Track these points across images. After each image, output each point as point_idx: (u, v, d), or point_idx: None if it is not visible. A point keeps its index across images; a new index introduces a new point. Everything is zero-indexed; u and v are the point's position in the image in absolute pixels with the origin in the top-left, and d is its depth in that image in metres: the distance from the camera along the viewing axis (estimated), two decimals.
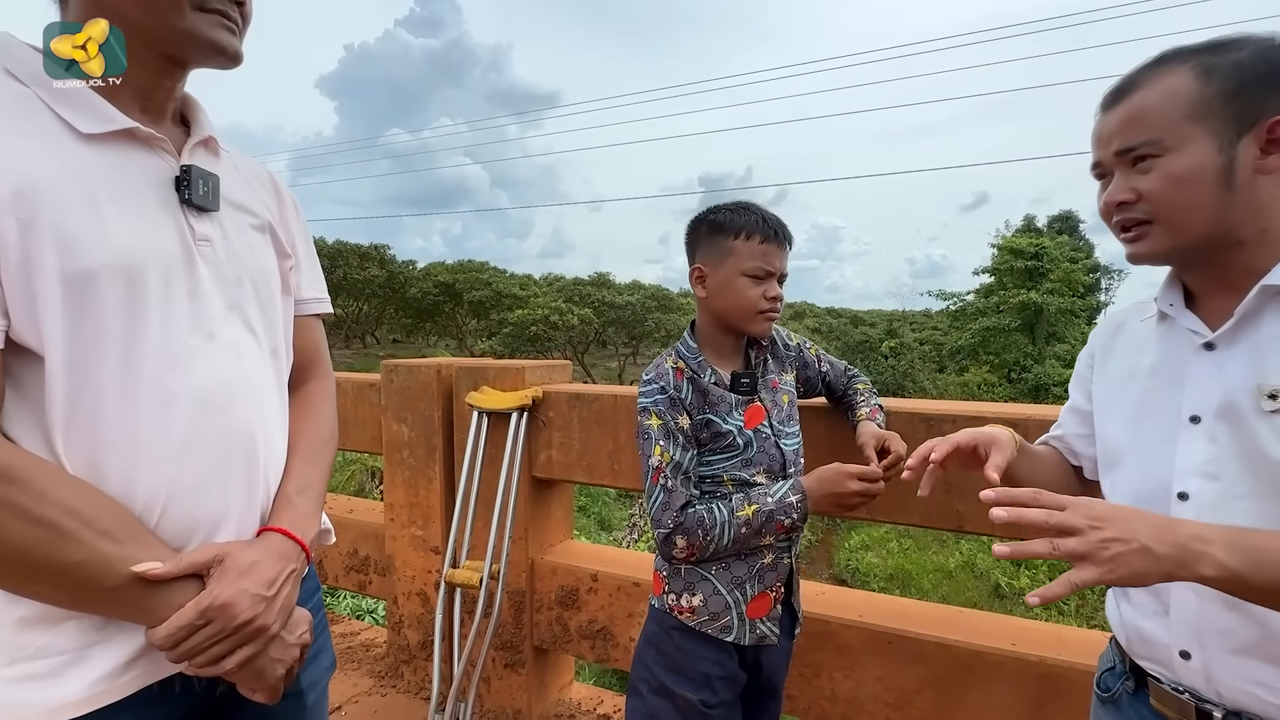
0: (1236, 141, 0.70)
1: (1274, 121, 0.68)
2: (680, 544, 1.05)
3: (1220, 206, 0.71)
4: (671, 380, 1.12)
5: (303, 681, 0.89)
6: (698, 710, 1.06)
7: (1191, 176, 0.71)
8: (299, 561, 0.78)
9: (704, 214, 1.20)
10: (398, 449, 2.05)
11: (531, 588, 1.88)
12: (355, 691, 2.06)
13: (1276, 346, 0.70)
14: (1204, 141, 0.71)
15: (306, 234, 0.99)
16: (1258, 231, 0.72)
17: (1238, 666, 0.71)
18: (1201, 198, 0.71)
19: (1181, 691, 0.75)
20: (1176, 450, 0.76)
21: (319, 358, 0.98)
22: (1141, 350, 0.84)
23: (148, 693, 0.69)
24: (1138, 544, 0.60)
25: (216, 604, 0.66)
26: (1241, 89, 0.69)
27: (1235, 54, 0.71)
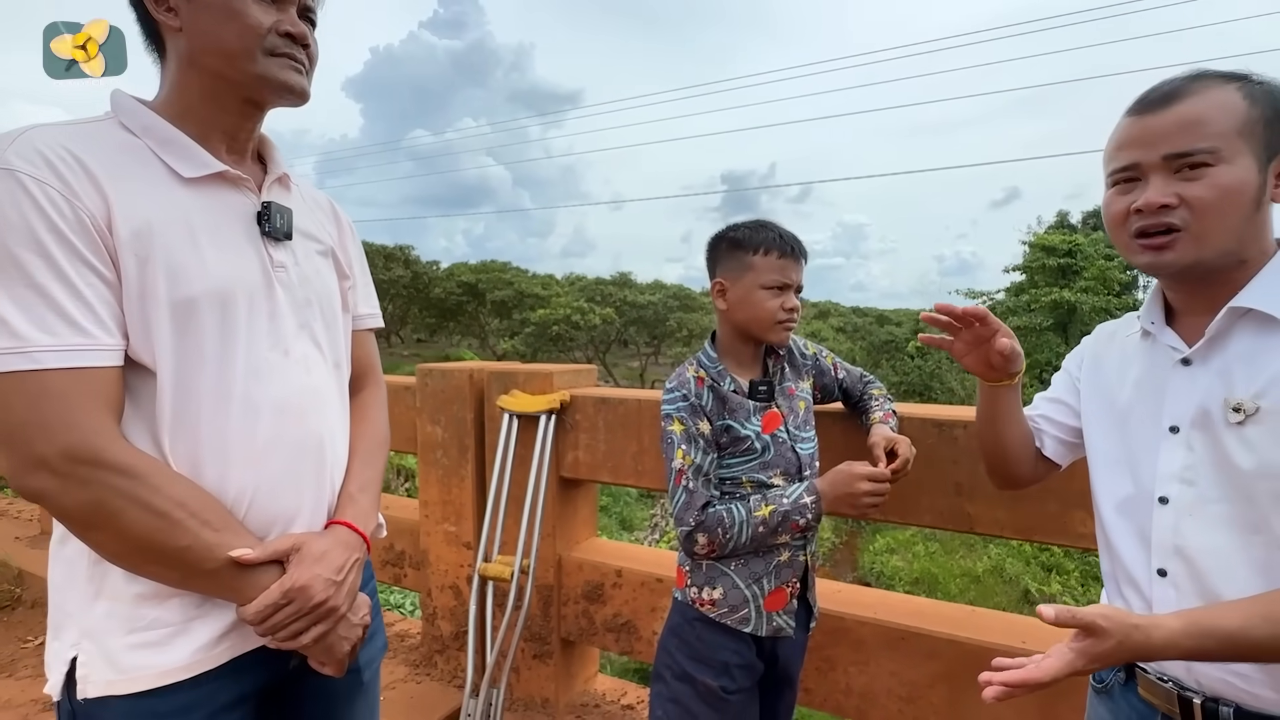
0: (1268, 165, 0.74)
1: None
2: (701, 541, 1.13)
3: (1247, 223, 0.75)
4: (693, 388, 1.20)
5: (361, 660, 0.99)
6: (717, 695, 1.14)
7: (1240, 189, 0.73)
8: (361, 551, 0.88)
9: (724, 232, 1.27)
10: (432, 449, 2.16)
11: (559, 582, 1.97)
12: (392, 679, 2.17)
13: (1242, 364, 0.76)
14: (1250, 159, 0.74)
15: (361, 254, 1.09)
16: (1257, 252, 0.77)
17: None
18: (1239, 212, 0.74)
19: (1166, 681, 0.81)
20: (1158, 458, 0.82)
21: (373, 367, 1.08)
22: (1128, 363, 0.90)
23: (236, 662, 0.79)
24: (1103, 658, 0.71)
25: (296, 586, 0.76)
26: (1276, 116, 0.74)
27: (1266, 85, 0.75)
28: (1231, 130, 0.73)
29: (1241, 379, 0.75)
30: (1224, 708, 0.76)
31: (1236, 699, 0.75)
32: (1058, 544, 1.39)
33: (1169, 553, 0.80)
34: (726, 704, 1.14)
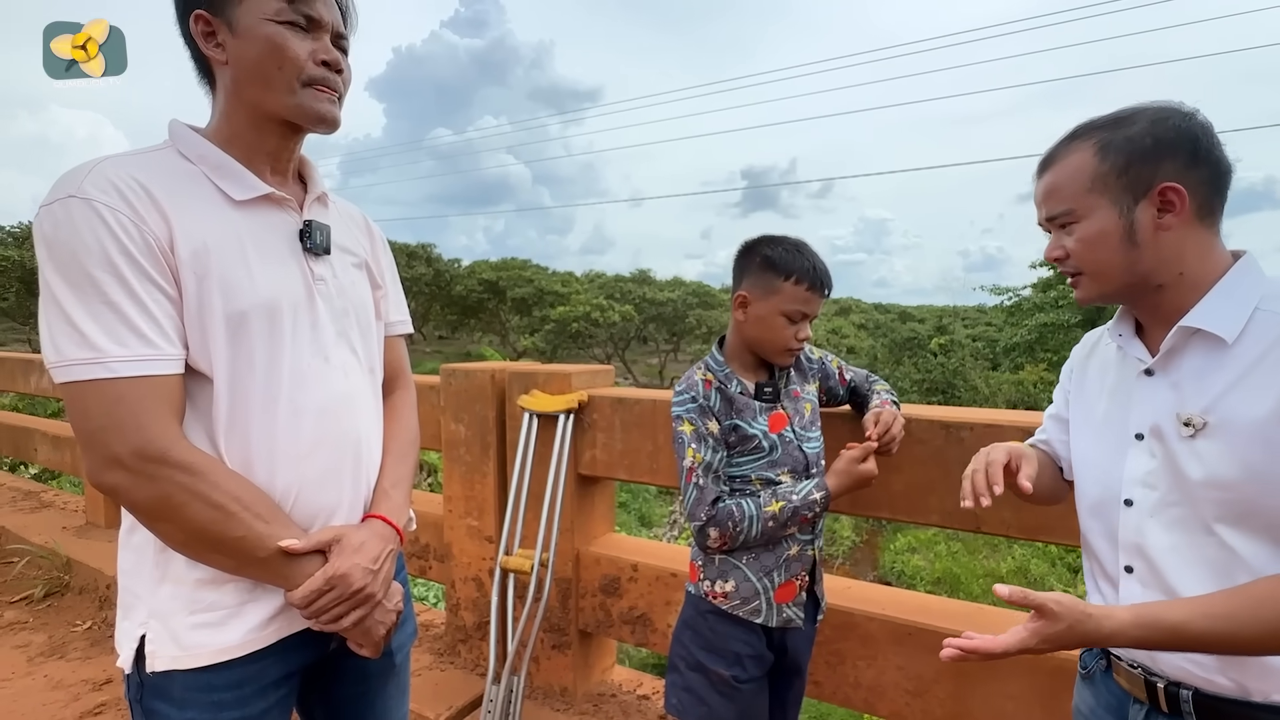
0: (1134, 206, 0.82)
1: (1163, 187, 0.80)
2: (713, 535, 1.18)
3: (1130, 260, 0.83)
4: (701, 390, 1.25)
5: (393, 644, 1.07)
6: (729, 684, 1.19)
7: (1100, 238, 0.84)
8: (395, 542, 0.95)
9: (759, 244, 1.27)
10: (455, 446, 2.25)
11: (577, 576, 2.04)
12: (418, 666, 2.26)
13: (1192, 380, 0.81)
14: (1107, 209, 0.83)
15: (392, 264, 1.17)
16: (1174, 276, 0.83)
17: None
18: (1112, 255, 0.84)
19: (1135, 667, 0.88)
20: (1125, 463, 0.88)
21: (403, 370, 1.15)
22: (1106, 372, 0.96)
23: (284, 642, 0.87)
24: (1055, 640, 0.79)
25: (338, 574, 0.83)
26: (1130, 164, 0.82)
27: (1128, 130, 0.83)
28: (1083, 190, 0.84)
29: (1192, 394, 0.81)
30: (1184, 691, 0.82)
31: (1195, 684, 0.82)
32: (1063, 544, 1.42)
33: (1133, 551, 0.86)
34: (738, 692, 1.20)
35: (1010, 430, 1.40)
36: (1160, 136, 0.81)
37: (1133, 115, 0.84)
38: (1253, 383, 0.77)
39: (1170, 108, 0.84)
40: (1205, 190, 0.82)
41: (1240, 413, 0.77)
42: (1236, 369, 0.78)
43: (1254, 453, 0.75)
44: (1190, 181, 0.81)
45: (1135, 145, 0.82)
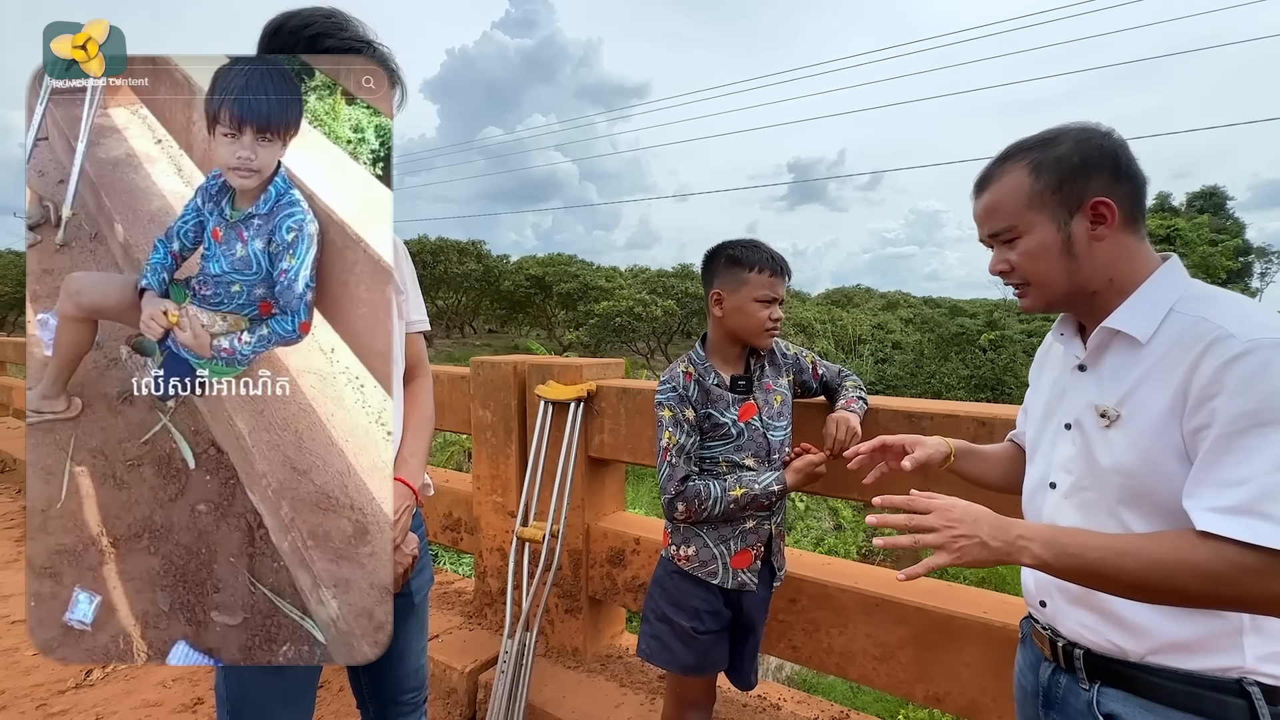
0: (1070, 220, 0.89)
1: (1094, 201, 0.87)
2: (680, 508, 1.38)
3: (1070, 270, 0.90)
4: (681, 381, 1.44)
5: (412, 586, 1.30)
6: (690, 634, 1.39)
7: (1042, 251, 0.90)
8: (411, 500, 1.18)
9: (722, 249, 1.47)
10: (483, 430, 2.50)
11: (587, 548, 2.26)
12: (449, 626, 2.54)
13: (1111, 375, 0.90)
14: (1046, 224, 0.90)
15: (412, 272, 1.40)
16: (1105, 282, 0.90)
17: (1071, 612, 0.93)
18: (1053, 266, 0.90)
19: (1045, 629, 0.99)
20: (1055, 450, 0.98)
21: (421, 362, 1.38)
22: (1054, 367, 1.05)
23: None
24: (978, 539, 0.82)
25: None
26: (1063, 181, 0.88)
27: (1056, 150, 0.89)
28: (1021, 207, 0.91)
29: (1109, 388, 0.89)
30: (1077, 650, 0.92)
31: (1086, 644, 0.91)
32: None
33: None
34: (697, 642, 1.39)
35: (966, 420, 1.53)
36: (1086, 155, 0.88)
37: (1058, 136, 0.91)
38: (1156, 378, 0.83)
39: (1091, 128, 0.91)
40: (1129, 202, 0.89)
41: (1145, 406, 0.84)
42: (1146, 365, 0.85)
43: (1152, 443, 0.82)
44: (1116, 195, 0.87)
45: (1065, 164, 0.88)
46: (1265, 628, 0.82)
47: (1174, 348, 0.82)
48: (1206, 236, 23.63)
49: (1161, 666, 0.84)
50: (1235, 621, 0.81)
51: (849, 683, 7.63)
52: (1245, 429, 0.74)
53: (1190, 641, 0.83)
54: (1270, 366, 0.74)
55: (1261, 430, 0.74)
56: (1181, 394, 0.80)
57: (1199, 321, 0.81)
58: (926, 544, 0.82)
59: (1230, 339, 0.77)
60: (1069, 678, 0.94)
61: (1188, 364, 0.80)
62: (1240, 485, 0.74)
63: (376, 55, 1.10)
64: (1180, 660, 0.83)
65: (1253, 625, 0.81)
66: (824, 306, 31.03)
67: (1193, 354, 0.79)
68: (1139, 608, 0.85)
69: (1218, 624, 0.82)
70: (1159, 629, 0.84)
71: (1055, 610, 0.96)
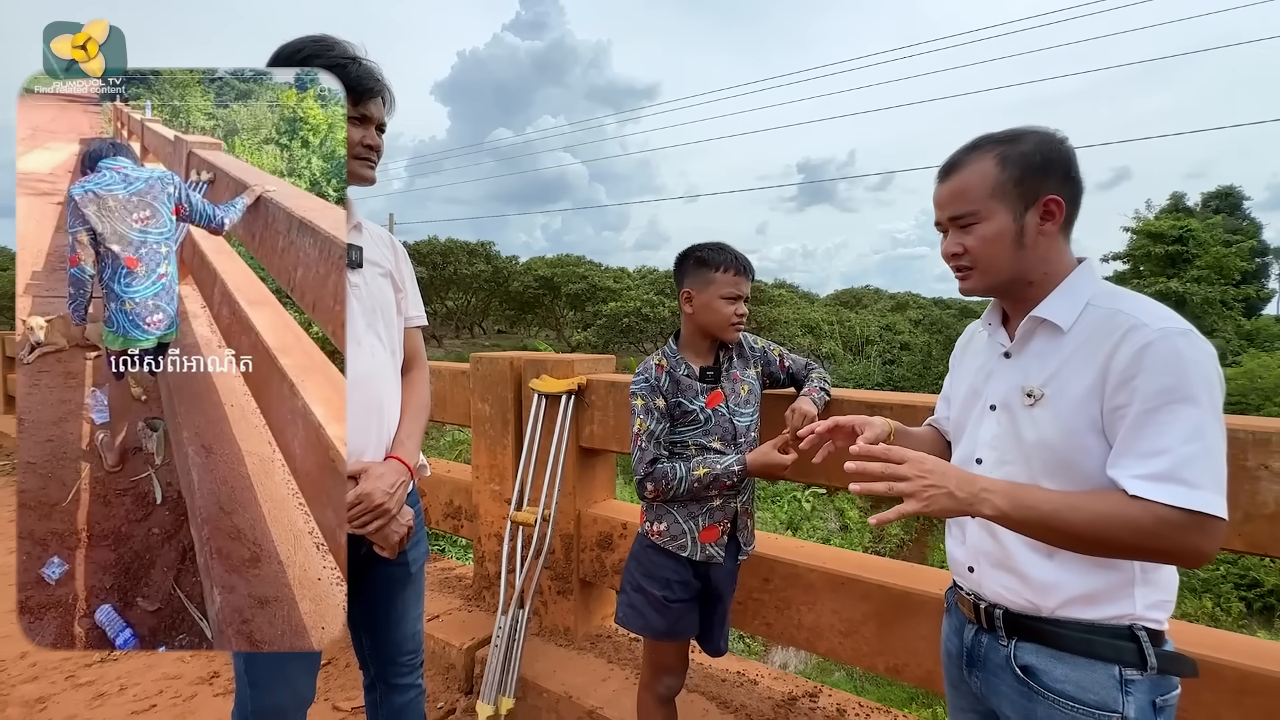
0: (1024, 213, 0.96)
1: (1047, 199, 0.96)
2: (650, 487, 1.51)
3: (1016, 259, 0.98)
4: (653, 373, 1.58)
5: (409, 556, 1.44)
6: (662, 603, 1.52)
7: (997, 238, 0.98)
8: (406, 476, 1.32)
9: (691, 251, 1.61)
10: (482, 422, 2.64)
11: (578, 533, 2.40)
12: (450, 607, 2.69)
13: (1036, 360, 1.00)
14: (1004, 214, 0.97)
15: (411, 271, 1.54)
16: (1041, 275, 0.99)
17: (994, 575, 1.04)
18: (1003, 253, 0.98)
19: (969, 595, 1.10)
20: (980, 429, 1.09)
21: (419, 354, 1.53)
22: (978, 355, 1.16)
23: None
24: (946, 489, 0.88)
25: (363, 494, 1.20)
26: (1024, 176, 0.96)
27: (1022, 146, 0.97)
28: (986, 195, 0.98)
29: (1035, 371, 0.99)
30: (997, 610, 1.02)
31: (1005, 604, 1.01)
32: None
33: None
34: (669, 609, 1.52)
35: (923, 409, 1.65)
36: (1047, 155, 0.96)
37: (1023, 135, 0.98)
38: (1077, 362, 0.93)
39: (1049, 132, 0.99)
40: (1071, 205, 0.97)
41: (1067, 387, 0.93)
42: (1068, 351, 0.94)
43: (1073, 419, 0.92)
44: (1064, 195, 0.96)
45: (1029, 160, 0.95)
46: (1153, 580, 0.94)
47: (1093, 336, 0.92)
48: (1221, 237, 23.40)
49: (1068, 619, 0.96)
50: (1128, 574, 0.93)
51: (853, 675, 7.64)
52: (1161, 405, 0.85)
53: (1092, 594, 0.94)
54: (1181, 351, 0.86)
55: (1174, 406, 0.85)
56: (1102, 376, 0.90)
57: (1115, 314, 0.92)
58: (899, 491, 0.88)
59: (1145, 327, 0.88)
60: (990, 637, 1.05)
61: (1106, 350, 0.90)
62: (1161, 455, 0.84)
63: (362, 69, 1.24)
64: (1083, 611, 0.95)
65: (1142, 578, 0.94)
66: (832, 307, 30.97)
67: (1111, 341, 0.90)
68: (1050, 569, 0.97)
69: (1114, 577, 0.93)
70: (1066, 584, 0.96)
71: (981, 575, 1.07)
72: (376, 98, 1.26)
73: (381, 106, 1.27)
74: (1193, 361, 0.85)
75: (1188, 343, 0.86)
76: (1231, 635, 1.50)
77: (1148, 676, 0.91)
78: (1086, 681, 0.93)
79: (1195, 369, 0.85)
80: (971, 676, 1.10)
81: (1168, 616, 0.96)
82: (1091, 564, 0.94)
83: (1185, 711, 1.35)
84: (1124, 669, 0.92)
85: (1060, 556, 0.96)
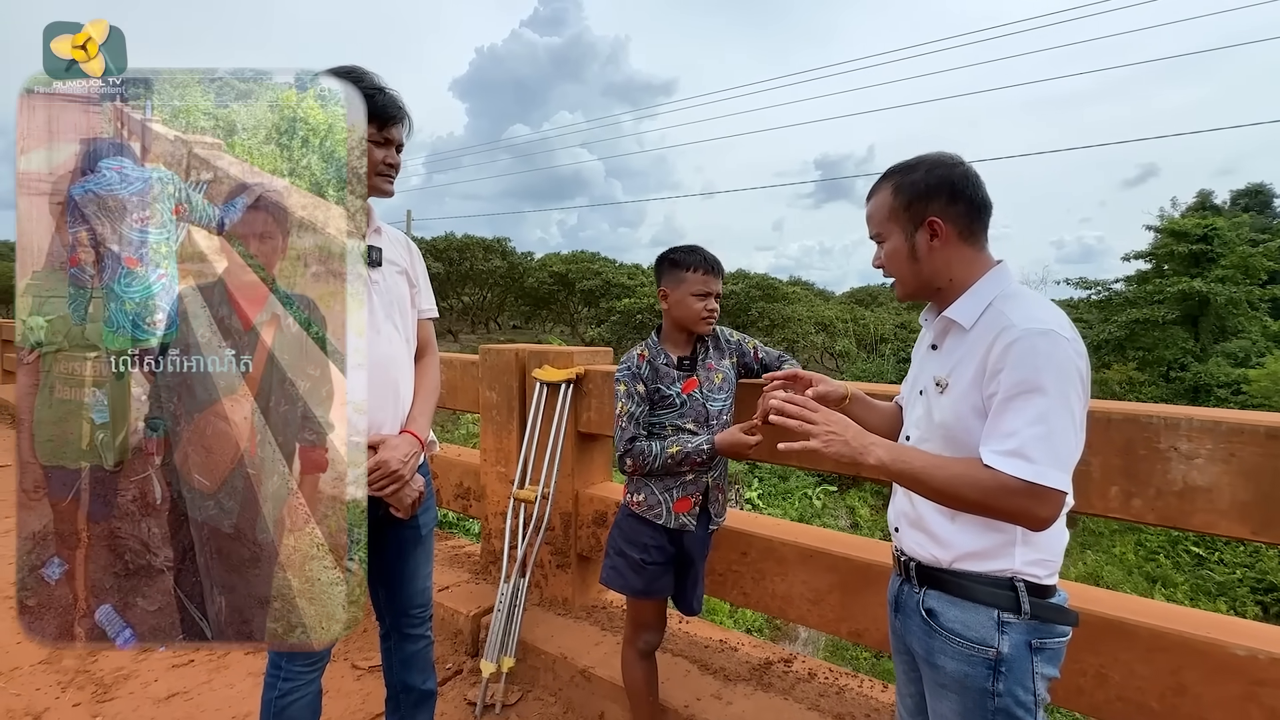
0: (914, 233, 1.15)
1: (929, 220, 1.14)
2: (629, 462, 1.70)
3: (915, 270, 1.17)
4: (635, 362, 1.77)
5: (419, 520, 1.65)
6: (640, 565, 1.72)
7: (895, 254, 1.18)
8: (418, 448, 1.52)
9: (667, 254, 1.80)
10: (489, 409, 2.85)
11: (576, 511, 2.60)
12: (458, 580, 2.91)
13: (946, 354, 1.17)
14: (898, 234, 1.17)
15: (424, 269, 1.75)
16: (946, 281, 1.17)
17: (910, 533, 1.22)
18: (903, 266, 1.18)
19: (896, 551, 1.28)
20: (913, 410, 1.28)
21: (430, 344, 1.73)
22: (920, 346, 1.33)
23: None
24: (844, 439, 1.09)
25: (381, 460, 1.41)
26: (911, 202, 1.15)
27: (912, 176, 1.15)
28: (885, 219, 1.18)
29: (944, 363, 1.15)
30: (912, 563, 1.20)
31: (918, 558, 1.19)
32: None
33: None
34: (646, 570, 1.72)
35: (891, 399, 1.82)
36: (930, 183, 1.13)
37: (917, 164, 1.15)
38: (969, 356, 1.09)
39: (942, 160, 1.15)
40: (963, 221, 1.13)
41: (961, 377, 1.09)
42: (966, 346, 1.10)
43: (962, 404, 1.09)
44: (950, 215, 1.12)
45: (915, 188, 1.14)
46: (1031, 541, 1.11)
47: (983, 334, 1.08)
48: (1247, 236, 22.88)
49: (963, 570, 1.14)
50: (1010, 535, 1.11)
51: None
52: (1016, 395, 1.03)
53: (980, 551, 1.12)
54: (1035, 348, 1.02)
55: (1025, 396, 1.02)
56: (982, 368, 1.07)
57: (999, 315, 1.09)
58: (806, 431, 1.11)
59: (1012, 327, 1.05)
60: (909, 586, 1.23)
61: (986, 345, 1.07)
62: (1011, 436, 1.02)
63: (387, 98, 1.44)
64: (974, 565, 1.13)
65: (1023, 539, 1.11)
66: (847, 305, 30.90)
67: (989, 338, 1.07)
68: (951, 529, 1.14)
69: (998, 538, 1.11)
70: (962, 542, 1.13)
71: (902, 534, 1.25)
72: (399, 123, 1.46)
73: (402, 130, 1.47)
74: (1046, 356, 1.02)
75: (1046, 341, 1.02)
76: (1146, 600, 1.66)
77: (1023, 620, 1.09)
78: (971, 621, 1.11)
79: (1048, 363, 1.01)
80: (897, 620, 1.28)
81: (1050, 574, 1.12)
82: (983, 525, 1.11)
83: (1104, 666, 1.52)
84: (1001, 613, 1.09)
85: (961, 519, 1.13)
